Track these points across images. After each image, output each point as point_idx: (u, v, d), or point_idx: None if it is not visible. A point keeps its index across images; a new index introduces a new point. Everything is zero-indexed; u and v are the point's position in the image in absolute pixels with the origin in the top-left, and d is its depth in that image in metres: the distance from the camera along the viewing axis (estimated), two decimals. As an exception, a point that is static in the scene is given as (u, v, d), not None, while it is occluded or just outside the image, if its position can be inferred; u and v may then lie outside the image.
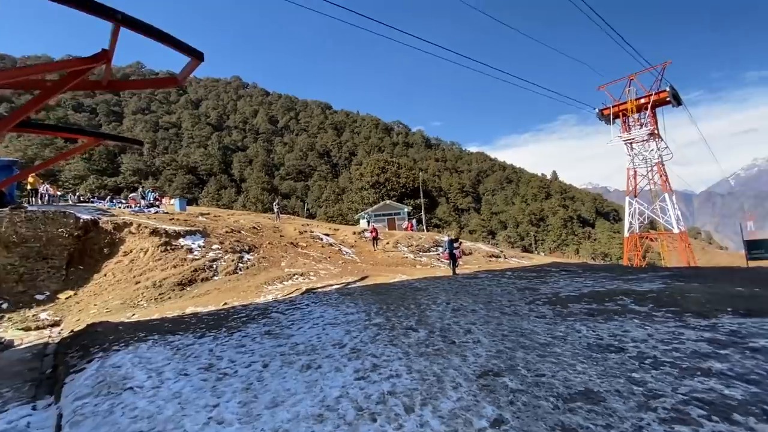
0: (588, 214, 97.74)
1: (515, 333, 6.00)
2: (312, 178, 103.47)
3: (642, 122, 35.61)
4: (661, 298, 7.24)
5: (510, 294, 9.11)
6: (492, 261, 23.49)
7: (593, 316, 6.54)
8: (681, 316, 6.06)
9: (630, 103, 35.66)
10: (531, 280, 11.13)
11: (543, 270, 13.53)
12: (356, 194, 59.16)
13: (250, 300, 11.47)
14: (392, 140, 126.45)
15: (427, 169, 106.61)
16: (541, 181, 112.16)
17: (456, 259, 15.67)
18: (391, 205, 42.04)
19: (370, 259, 21.13)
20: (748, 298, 6.60)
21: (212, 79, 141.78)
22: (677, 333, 5.31)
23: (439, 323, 6.84)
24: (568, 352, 4.97)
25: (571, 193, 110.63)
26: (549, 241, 79.57)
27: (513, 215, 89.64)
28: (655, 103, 34.12)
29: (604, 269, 13.04)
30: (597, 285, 9.37)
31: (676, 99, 34.18)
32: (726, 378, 3.78)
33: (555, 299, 8.09)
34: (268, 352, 5.86)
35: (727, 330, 5.23)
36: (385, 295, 10.07)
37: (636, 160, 35.86)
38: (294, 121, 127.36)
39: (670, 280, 8.95)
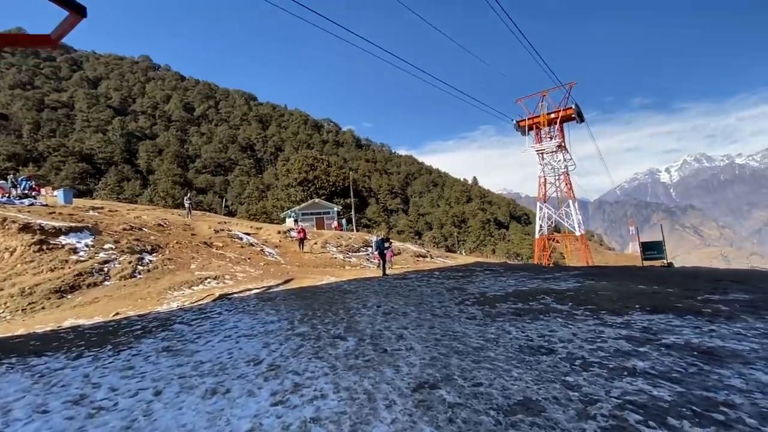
0: (503, 218, 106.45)
1: (448, 337, 5.74)
2: (233, 172, 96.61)
3: (552, 135, 39.50)
4: (578, 296, 7.63)
5: (440, 295, 8.99)
6: (420, 261, 23.85)
7: (520, 316, 6.59)
8: (598, 314, 6.35)
9: (542, 117, 39.34)
10: (458, 279, 11.24)
11: (469, 269, 13.88)
12: (282, 191, 56.36)
13: (149, 309, 9.80)
14: (322, 138, 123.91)
15: (358, 169, 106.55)
16: (464, 186, 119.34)
17: (386, 259, 15.40)
18: (320, 203, 40.77)
19: (296, 260, 19.96)
20: (650, 296, 7.22)
21: (115, 57, 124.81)
22: (598, 331, 5.48)
23: (369, 329, 6.33)
24: (501, 356, 4.80)
25: (489, 198, 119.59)
26: (469, 241, 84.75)
27: (438, 217, 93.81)
28: (563, 119, 38.09)
29: (523, 268, 13.80)
30: (519, 284, 9.71)
31: (579, 116, 38.57)
32: (651, 377, 3.84)
33: (483, 299, 8.12)
34: (164, 374, 4.78)
35: (640, 327, 5.53)
36: (312, 300, 9.30)
37: (546, 169, 39.67)
38: (213, 111, 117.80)
39: (582, 279, 9.62)
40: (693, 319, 5.69)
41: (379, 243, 14.99)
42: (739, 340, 4.70)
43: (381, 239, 15.54)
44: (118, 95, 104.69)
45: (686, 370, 3.95)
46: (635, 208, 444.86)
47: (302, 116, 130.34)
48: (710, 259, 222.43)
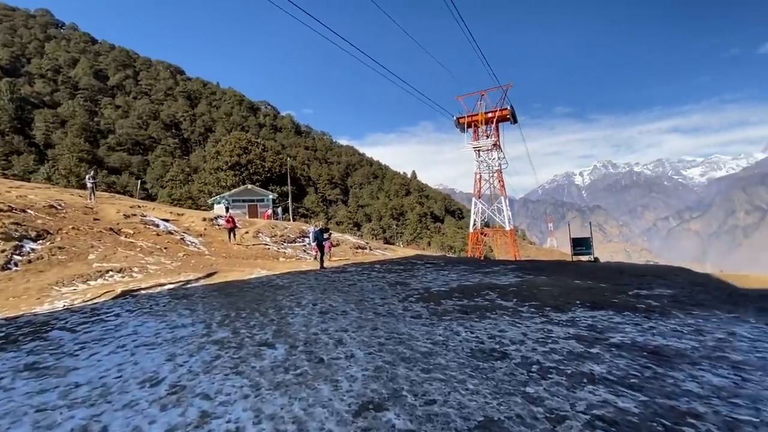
0: (439, 212, 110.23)
1: (393, 340, 5.14)
2: (154, 152, 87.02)
3: (488, 134, 41.17)
4: (521, 292, 7.53)
5: (382, 290, 8.40)
6: (359, 253, 23.23)
7: (467, 314, 6.23)
8: (543, 310, 6.22)
9: (480, 116, 40.77)
10: (400, 273, 10.78)
11: (410, 262, 13.56)
12: (211, 175, 51.75)
13: (23, 309, 7.87)
14: (258, 121, 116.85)
15: (297, 156, 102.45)
16: (403, 179, 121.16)
17: (325, 250, 14.49)
18: (253, 190, 38.07)
19: (222, 250, 18.12)
20: (587, 291, 7.33)
21: (5, 7, 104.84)
22: (547, 330, 5.27)
23: (303, 333, 5.50)
24: (453, 362, 4.31)
25: (427, 192, 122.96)
26: (407, 234, 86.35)
27: (377, 209, 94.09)
28: (499, 118, 39.83)
29: (462, 262, 13.82)
30: (462, 279, 9.51)
31: (513, 117, 40.63)
32: (611, 384, 3.57)
33: (427, 295, 7.69)
34: (14, 407, 3.52)
35: (586, 324, 5.43)
36: (237, 297, 8.15)
37: (482, 166, 41.34)
38: (131, 81, 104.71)
39: (520, 274, 9.70)
40: (631, 315, 5.75)
41: (318, 233, 14.03)
42: (678, 338, 4.73)
43: (320, 230, 14.58)
44: (7, 53, 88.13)
45: (642, 374, 3.78)
46: (553, 207, 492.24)
47: (237, 96, 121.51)
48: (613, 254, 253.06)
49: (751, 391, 3.25)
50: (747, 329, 4.80)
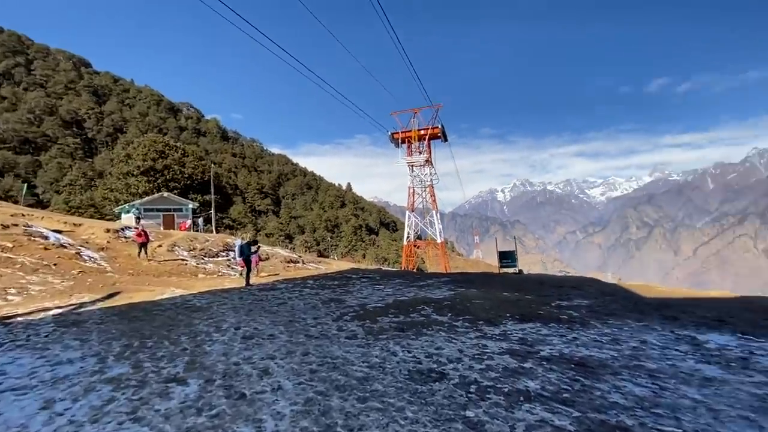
0: (374, 224, 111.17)
1: (326, 366, 4.73)
2: (48, 152, 75.38)
3: (421, 150, 42.65)
4: (455, 305, 7.58)
5: (315, 308, 7.90)
6: (291, 267, 22.14)
7: (404, 331, 6.04)
8: (477, 324, 6.27)
9: (414, 132, 42.14)
10: (335, 289, 10.34)
11: (345, 277, 13.15)
12: (119, 181, 45.81)
13: None
14: (179, 123, 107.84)
15: (223, 163, 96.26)
16: (338, 191, 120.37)
17: (252, 265, 13.45)
18: (170, 198, 34.55)
19: (129, 266, 15.93)
20: (515, 303, 7.62)
21: None
22: (482, 346, 5.27)
23: (222, 364, 4.83)
24: (391, 387, 4.05)
25: (362, 204, 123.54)
26: (342, 246, 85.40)
27: (311, 220, 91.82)
28: (431, 136, 41.52)
29: (397, 275, 13.78)
30: (397, 293, 9.38)
31: (444, 135, 42.68)
32: (546, 402, 3.58)
33: (363, 312, 7.38)
34: None
35: (517, 338, 5.55)
36: (143, 322, 7.06)
37: (415, 181, 42.57)
38: (23, 70, 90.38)
39: (453, 287, 9.88)
40: (556, 327, 6.03)
41: (245, 247, 12.97)
42: (599, 348, 5.02)
43: (247, 242, 13.51)
44: None
45: (572, 388, 3.87)
46: (479, 221, 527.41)
47: (154, 96, 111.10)
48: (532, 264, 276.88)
49: (669, 399, 3.46)
50: (656, 337, 5.27)
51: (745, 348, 4.69)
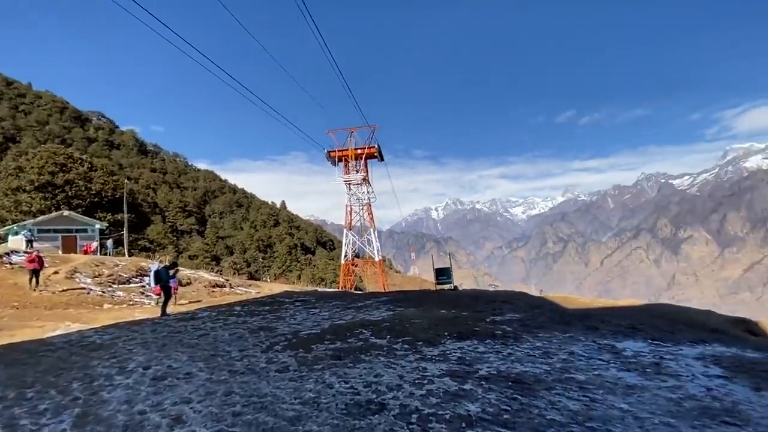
0: (310, 243, 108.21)
1: (252, 406, 4.18)
2: None
3: (358, 168, 42.85)
4: (393, 327, 7.37)
5: (241, 339, 7.15)
6: (216, 292, 20.32)
7: (341, 359, 5.66)
8: (416, 346, 6.11)
9: (351, 151, 42.29)
10: (265, 315, 9.57)
11: (277, 301, 12.31)
12: (7, 197, 39.01)
13: None
14: (87, 134, 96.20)
15: (140, 178, 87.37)
16: (272, 209, 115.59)
17: (171, 292, 12.00)
18: (71, 217, 30.05)
19: (14, 298, 13.32)
20: (453, 321, 7.64)
21: None
22: (422, 369, 5.09)
23: (123, 414, 4.03)
24: (326, 426, 3.65)
25: (297, 223, 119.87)
26: (275, 267, 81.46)
27: (241, 240, 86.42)
28: (367, 155, 41.96)
29: (334, 296, 13.27)
30: (334, 316, 8.93)
31: (380, 155, 43.44)
32: (488, 426, 3.47)
33: (296, 340, 6.84)
34: None
35: (456, 357, 5.47)
36: (26, 366, 5.79)
37: (352, 199, 42.44)
38: None
39: (392, 306, 9.70)
40: (492, 343, 6.10)
41: (162, 271, 11.52)
42: (533, 362, 5.12)
43: (164, 266, 12.05)
44: None
45: (511, 407, 3.81)
46: (415, 238, 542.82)
47: (57, 102, 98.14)
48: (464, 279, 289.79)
49: (600, 411, 3.54)
50: (581, 348, 5.55)
51: (656, 353, 5.11)
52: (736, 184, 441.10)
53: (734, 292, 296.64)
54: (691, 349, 5.29)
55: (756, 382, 3.99)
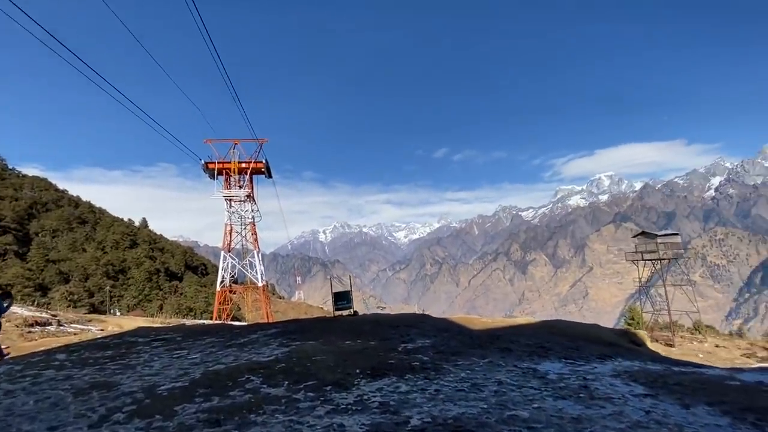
0: (177, 267, 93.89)
1: None
2: None
3: (241, 184, 39.02)
4: (291, 368, 5.93)
5: (58, 407, 4.78)
6: (34, 334, 15.04)
7: (220, 425, 4.04)
8: (323, 392, 4.84)
9: (233, 164, 38.36)
10: (105, 365, 6.96)
11: (126, 342, 9.35)
12: None
13: None
14: None
15: (-77, 182, 63.98)
16: (128, 227, 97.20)
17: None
18: None
19: None
20: (362, 354, 6.57)
21: None
22: (337, 427, 3.88)
23: None
24: None
25: (161, 244, 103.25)
26: (129, 296, 67.70)
27: (82, 265, 69.62)
28: (253, 170, 38.60)
29: (208, 331, 10.83)
30: (208, 359, 6.94)
31: (268, 172, 40.45)
32: None
33: (150, 401, 4.84)
34: None
35: (377, 404, 4.41)
36: None
37: (233, 217, 38.17)
38: None
39: (286, 341, 8.11)
40: (413, 378, 5.24)
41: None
42: (465, 400, 4.40)
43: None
44: None
45: (466, 474, 2.95)
46: (301, 261, 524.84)
47: None
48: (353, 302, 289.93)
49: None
50: (507, 375, 5.09)
51: (577, 374, 4.96)
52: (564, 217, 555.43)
53: (564, 305, 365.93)
54: (603, 365, 5.40)
55: (679, 398, 4.02)
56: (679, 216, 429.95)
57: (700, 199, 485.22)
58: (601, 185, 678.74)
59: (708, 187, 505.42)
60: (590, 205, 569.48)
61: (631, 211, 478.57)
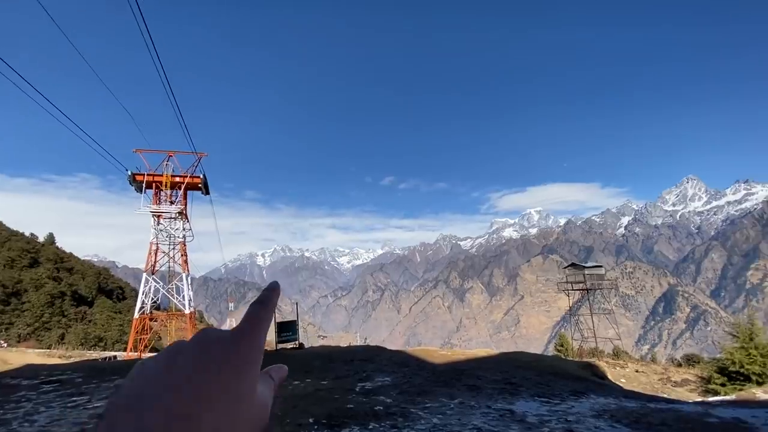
0: (87, 291, 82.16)
1: None
2: None
3: (173, 200, 35.63)
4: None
5: None
6: None
7: None
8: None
9: (165, 178, 35.05)
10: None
11: (4, 385, 7.31)
12: None
13: None
14: None
15: None
16: (29, 243, 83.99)
17: None
18: None
19: None
20: (315, 396, 5.60)
21: None
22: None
23: None
24: None
25: (70, 264, 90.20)
26: (22, 324, 57.42)
27: (-38, 286, 57.94)
28: (188, 185, 35.50)
29: (121, 370, 8.97)
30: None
31: (206, 188, 37.45)
32: None
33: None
34: None
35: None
36: None
37: (161, 236, 34.43)
38: None
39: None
40: (379, 429, 4.46)
41: None
42: (445, 455, 3.74)
43: None
44: None
45: None
46: (235, 286, 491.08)
47: None
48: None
49: None
50: (482, 419, 4.52)
51: (558, 416, 4.54)
52: (498, 248, 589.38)
53: (498, 332, 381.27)
54: (579, 404, 5.07)
55: (669, 441, 3.74)
56: (596, 250, 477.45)
57: (612, 236, 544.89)
58: (531, 219, 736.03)
59: (619, 226, 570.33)
60: (522, 237, 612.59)
61: (556, 244, 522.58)
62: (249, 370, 0.35)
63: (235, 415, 0.34)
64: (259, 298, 0.36)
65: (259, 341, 0.35)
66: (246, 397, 0.35)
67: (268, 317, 0.36)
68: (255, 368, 0.35)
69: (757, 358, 13.51)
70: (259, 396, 0.35)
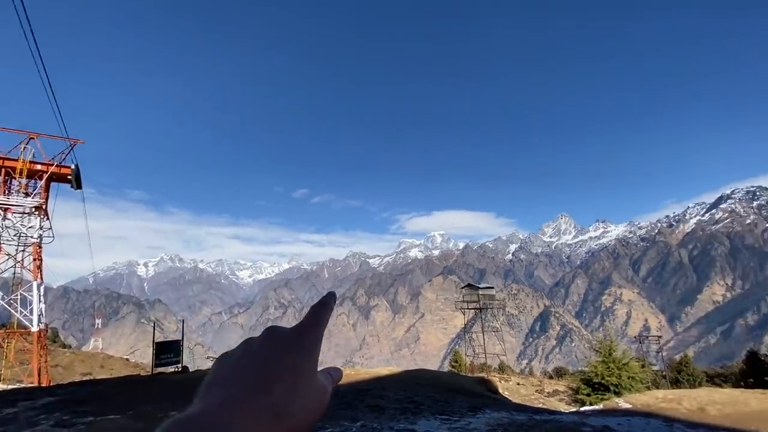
0: None
1: None
2: None
3: (30, 191, 29.30)
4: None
5: None
6: None
7: None
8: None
9: (23, 163, 28.71)
10: None
11: None
12: None
13: None
14: None
15: None
16: None
17: None
18: None
19: None
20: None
21: None
22: None
23: None
24: None
25: None
26: None
27: None
28: (54, 176, 29.56)
29: None
30: None
31: (77, 181, 31.57)
32: None
33: None
34: None
35: None
36: None
37: (6, 234, 27.77)
38: None
39: (68, 416, 5.39)
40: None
41: None
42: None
43: None
44: None
45: None
46: (106, 299, 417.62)
47: None
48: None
49: None
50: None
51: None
52: (404, 267, 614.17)
53: (399, 349, 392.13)
54: (476, 419, 5.18)
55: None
56: (489, 273, 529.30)
57: (502, 261, 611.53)
58: (435, 241, 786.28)
59: (507, 252, 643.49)
60: (426, 257, 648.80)
61: (455, 266, 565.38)
62: (309, 354, 0.45)
63: (298, 389, 0.44)
64: (321, 300, 0.45)
65: (317, 333, 0.45)
66: (307, 378, 0.44)
67: (326, 316, 0.45)
68: (315, 354, 0.45)
69: (615, 371, 16.01)
70: (320, 380, 0.45)
